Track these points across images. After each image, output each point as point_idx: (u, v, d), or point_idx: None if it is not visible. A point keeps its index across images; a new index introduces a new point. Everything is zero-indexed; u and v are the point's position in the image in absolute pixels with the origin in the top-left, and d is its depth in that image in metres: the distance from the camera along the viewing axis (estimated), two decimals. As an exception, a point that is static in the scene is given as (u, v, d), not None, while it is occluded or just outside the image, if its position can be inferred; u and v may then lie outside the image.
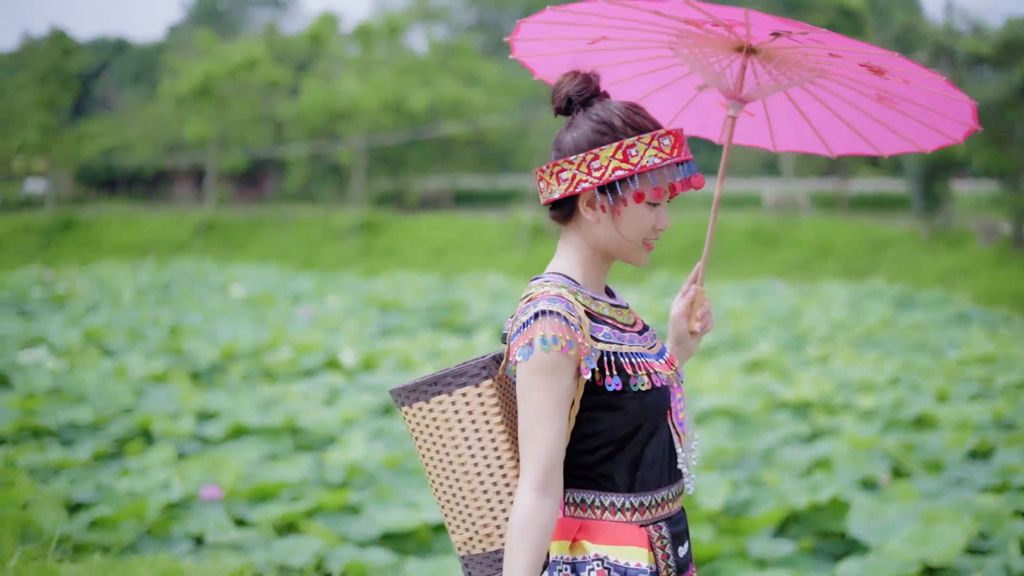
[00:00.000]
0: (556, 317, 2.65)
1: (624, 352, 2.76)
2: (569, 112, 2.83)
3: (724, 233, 35.61)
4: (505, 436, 2.81)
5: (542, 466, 2.63)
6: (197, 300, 23.21)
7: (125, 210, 47.95)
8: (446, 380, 2.82)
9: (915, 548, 6.87)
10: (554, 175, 2.78)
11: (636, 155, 2.72)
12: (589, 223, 2.80)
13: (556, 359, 2.64)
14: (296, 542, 7.23)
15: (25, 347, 15.49)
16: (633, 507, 2.76)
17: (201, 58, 46.38)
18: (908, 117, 3.26)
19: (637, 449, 2.76)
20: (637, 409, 2.73)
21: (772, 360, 15.82)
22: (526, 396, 2.66)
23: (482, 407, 2.82)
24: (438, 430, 2.85)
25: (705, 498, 8.11)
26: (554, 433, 2.65)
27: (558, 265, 2.85)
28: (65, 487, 8.40)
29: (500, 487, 2.81)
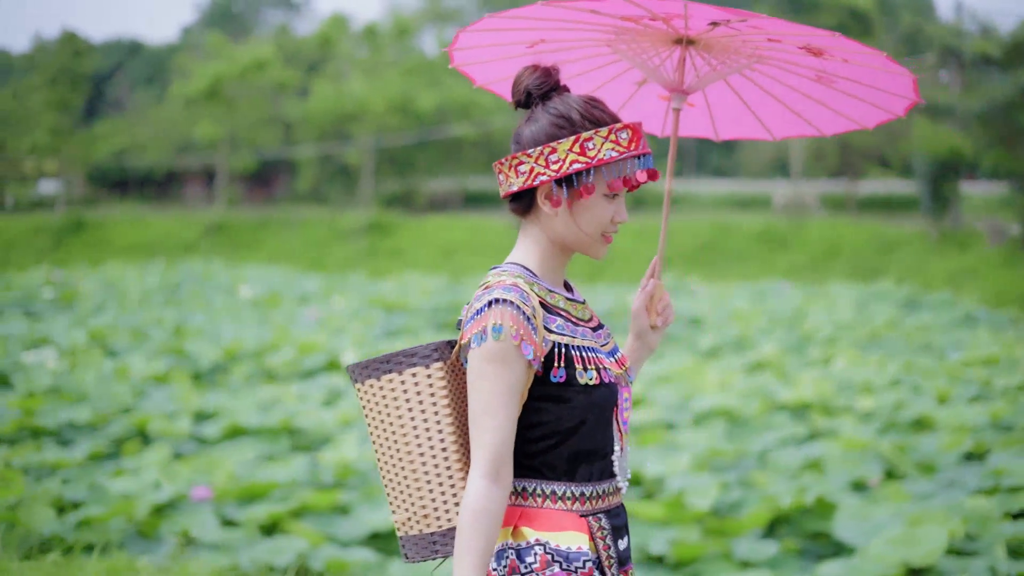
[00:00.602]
0: (510, 306, 2.67)
1: (576, 345, 2.77)
2: (529, 105, 2.85)
3: (732, 234, 35.60)
4: (451, 420, 2.82)
5: (493, 454, 2.65)
6: (204, 301, 23.28)
7: (135, 211, 48.10)
8: (397, 359, 2.85)
9: (898, 550, 6.86)
10: (512, 168, 2.80)
11: (593, 148, 2.74)
12: (548, 216, 2.81)
13: (508, 348, 2.66)
14: (279, 542, 7.25)
15: (30, 347, 15.57)
16: (573, 496, 2.77)
17: (211, 60, 46.52)
18: (848, 95, 3.27)
19: (580, 443, 2.77)
20: (583, 403, 2.75)
21: (775, 361, 15.82)
22: (477, 384, 2.68)
23: (430, 388, 2.83)
24: (386, 408, 2.87)
25: (694, 499, 8.12)
26: (504, 422, 2.67)
27: (516, 256, 2.86)
28: (57, 487, 8.43)
29: (442, 470, 2.82)
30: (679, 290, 27.12)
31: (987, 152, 28.87)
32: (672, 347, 17.81)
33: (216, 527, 7.54)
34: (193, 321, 19.33)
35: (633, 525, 7.62)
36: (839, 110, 3.33)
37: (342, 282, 29.53)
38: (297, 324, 19.47)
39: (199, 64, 46.66)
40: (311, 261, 38.76)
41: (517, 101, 2.87)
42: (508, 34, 3.14)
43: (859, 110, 3.31)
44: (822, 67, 3.11)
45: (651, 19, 2.97)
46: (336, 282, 29.44)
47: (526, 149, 2.78)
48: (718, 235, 35.75)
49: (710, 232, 35.97)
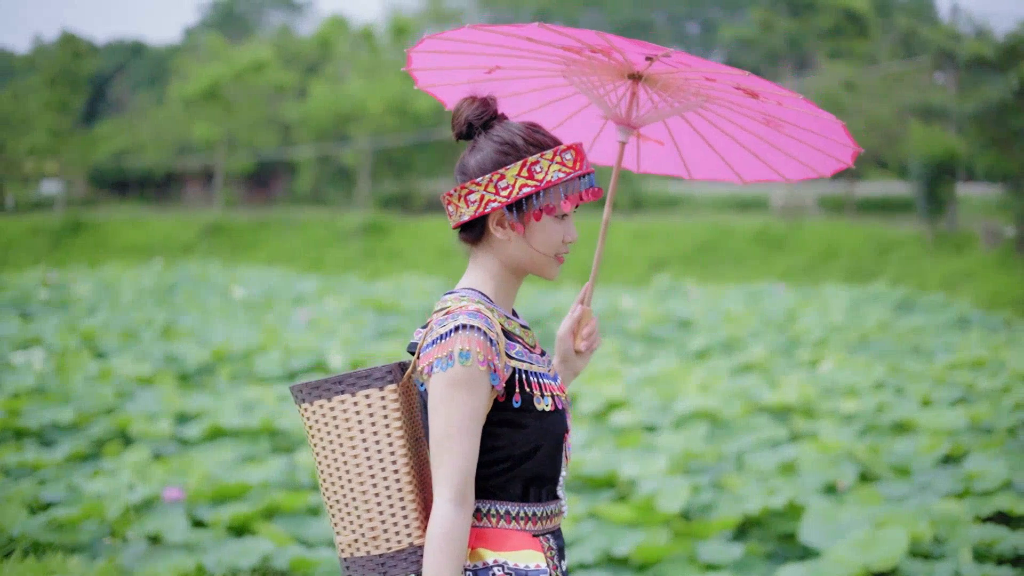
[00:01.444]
0: (476, 332, 2.71)
1: (533, 372, 2.84)
2: (471, 136, 2.90)
3: (729, 236, 35.58)
4: (403, 442, 2.85)
5: (459, 480, 2.67)
6: (197, 302, 23.31)
7: (134, 212, 48.18)
8: (350, 380, 2.86)
9: (860, 553, 6.89)
10: (462, 198, 2.84)
11: (541, 171, 2.80)
12: (500, 242, 2.87)
13: (475, 374, 2.69)
14: (245, 543, 7.28)
15: (20, 348, 15.61)
16: (526, 516, 2.82)
17: (210, 61, 46.60)
18: (799, 142, 3.29)
19: (533, 467, 2.82)
20: (538, 429, 2.80)
21: (762, 363, 15.84)
22: (442, 409, 2.70)
23: (384, 411, 2.85)
24: (336, 429, 2.87)
25: (664, 501, 8.15)
26: (470, 447, 2.69)
27: (471, 282, 2.91)
28: (32, 487, 8.46)
29: (392, 492, 2.84)
30: (674, 292, 27.13)
31: (981, 154, 28.84)
32: (661, 349, 17.84)
33: (185, 528, 7.58)
34: (184, 322, 19.36)
35: (602, 527, 7.65)
36: (795, 156, 3.34)
37: (338, 283, 29.54)
38: (289, 325, 19.49)
39: (198, 65, 46.74)
40: (309, 262, 38.80)
41: (459, 133, 2.91)
42: (464, 57, 3.18)
43: (814, 158, 3.33)
44: (765, 110, 3.14)
45: (591, 51, 3.01)
46: (332, 283, 29.45)
47: (474, 178, 2.83)
48: (715, 237, 35.75)
49: (707, 234, 35.96)
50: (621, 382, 13.44)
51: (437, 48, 3.10)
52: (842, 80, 35.35)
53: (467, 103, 2.89)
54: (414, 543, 2.83)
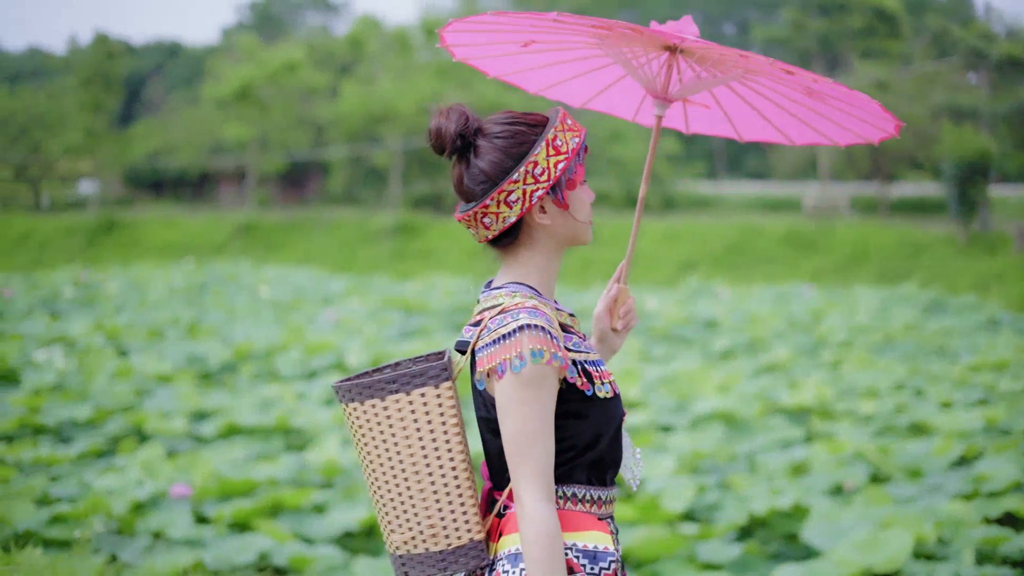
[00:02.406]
0: (539, 331, 2.69)
1: (590, 360, 2.82)
2: (465, 149, 2.83)
3: (759, 236, 35.47)
4: (459, 438, 2.83)
5: (545, 476, 2.68)
6: (225, 301, 23.42)
7: (167, 212, 48.49)
8: (404, 379, 2.83)
9: (862, 554, 6.85)
10: (502, 203, 2.78)
11: (563, 143, 2.78)
12: (544, 228, 2.84)
13: (545, 372, 2.68)
14: (245, 539, 7.32)
15: (45, 346, 15.74)
16: (592, 499, 2.80)
17: (243, 62, 46.84)
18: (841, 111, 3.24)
19: (597, 455, 2.82)
20: (600, 416, 2.79)
21: (785, 364, 15.78)
22: (516, 409, 2.69)
23: (439, 408, 2.83)
24: (391, 428, 2.85)
25: (668, 501, 8.14)
26: (550, 444, 2.69)
27: (515, 276, 2.88)
28: (43, 483, 8.54)
29: (451, 488, 2.82)
30: (703, 293, 27.04)
31: (1014, 154, 28.63)
32: (684, 350, 17.79)
33: (188, 524, 7.63)
34: (209, 321, 19.47)
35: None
36: (841, 123, 3.30)
37: (367, 283, 29.62)
38: (315, 325, 19.56)
39: (231, 66, 47.00)
40: (340, 262, 38.92)
41: (452, 149, 2.83)
42: (498, 35, 3.18)
43: (858, 125, 3.28)
44: (804, 83, 3.09)
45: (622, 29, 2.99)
46: (361, 283, 29.53)
47: (507, 178, 2.76)
48: (745, 237, 35.64)
49: (737, 234, 35.85)
50: (639, 382, 13.42)
51: (468, 28, 3.11)
52: (874, 80, 35.16)
53: (444, 119, 2.82)
54: (474, 538, 2.84)
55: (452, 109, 2.82)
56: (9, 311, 20.26)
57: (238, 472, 8.95)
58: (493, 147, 2.79)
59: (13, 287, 24.66)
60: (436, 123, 2.82)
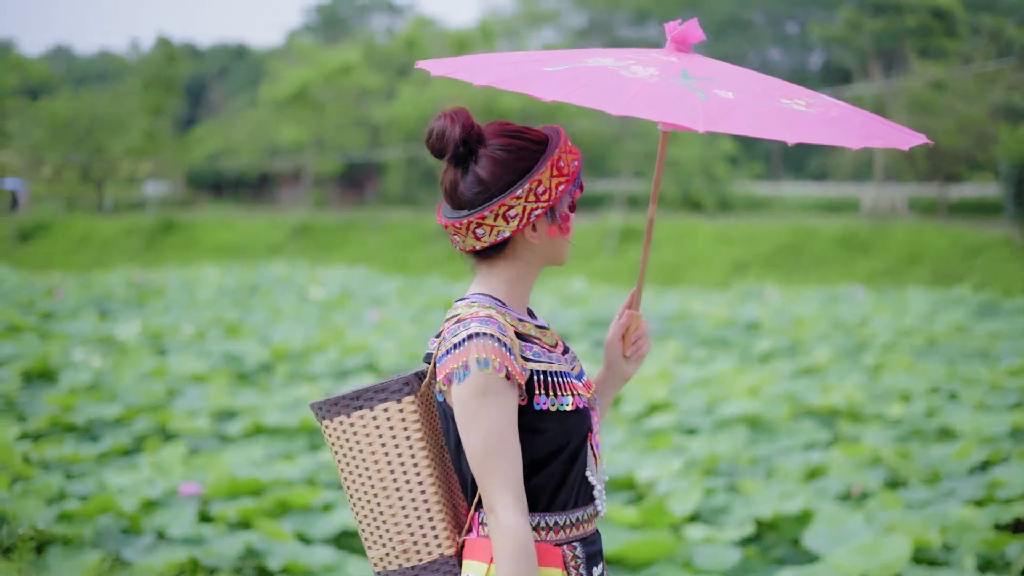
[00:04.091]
0: (489, 339, 2.66)
1: (553, 371, 2.77)
2: (467, 155, 2.78)
3: (813, 238, 35.15)
4: (425, 452, 2.82)
5: (515, 486, 2.64)
6: (273, 302, 23.61)
7: (227, 212, 48.97)
8: (368, 395, 2.84)
9: (861, 558, 6.79)
10: (499, 216, 2.74)
11: (565, 166, 2.76)
12: (530, 246, 2.82)
13: (496, 381, 2.65)
14: (237, 537, 7.40)
15: (88, 345, 15.94)
16: (548, 526, 2.76)
17: (300, 64, 47.22)
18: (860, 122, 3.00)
19: (557, 470, 2.77)
20: (560, 431, 2.74)
21: (823, 367, 15.64)
22: (474, 422, 2.65)
23: (403, 423, 2.82)
24: (358, 444, 2.85)
25: (675, 504, 8.11)
26: (516, 451, 2.65)
27: (482, 287, 2.85)
28: (60, 481, 8.66)
29: (419, 503, 2.82)
30: (752, 295, 26.88)
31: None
32: (724, 352, 17.69)
33: (191, 523, 7.71)
34: (252, 322, 19.64)
35: (606, 528, 7.63)
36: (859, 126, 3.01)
37: (417, 284, 29.72)
38: (356, 326, 19.67)
39: (287, 68, 47.41)
40: (395, 263, 39.08)
41: (453, 155, 2.78)
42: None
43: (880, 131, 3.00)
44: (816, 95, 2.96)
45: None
46: (412, 284, 29.63)
47: (511, 192, 2.72)
48: (799, 239, 35.34)
49: (790, 236, 35.56)
50: (670, 384, 13.37)
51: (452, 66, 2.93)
52: (932, 80, 34.75)
53: (448, 123, 2.77)
54: (444, 553, 2.82)
55: (457, 113, 2.78)
56: (59, 311, 20.55)
57: (255, 472, 9.01)
58: (495, 159, 2.75)
59: (67, 287, 25.03)
60: (440, 125, 2.78)
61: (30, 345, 15.43)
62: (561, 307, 22.70)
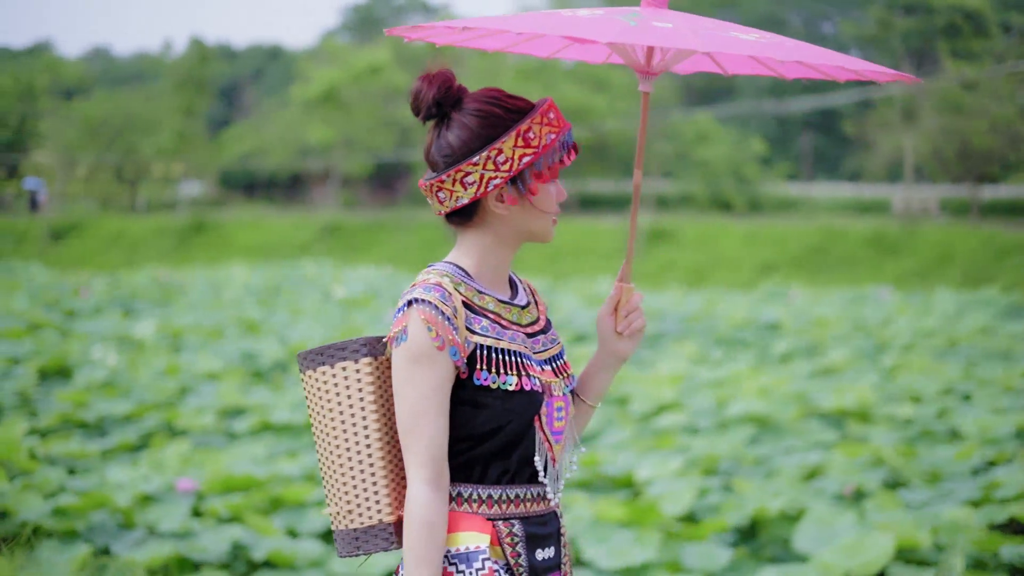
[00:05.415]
0: (428, 306, 2.66)
1: (500, 348, 2.75)
2: (440, 117, 2.78)
3: (842, 239, 34.96)
4: (376, 416, 2.80)
5: (431, 458, 2.64)
6: (296, 301, 23.70)
7: (257, 213, 49.23)
8: (330, 352, 2.85)
9: (844, 558, 6.77)
10: (457, 182, 2.73)
11: (535, 137, 2.72)
12: (498, 217, 2.79)
13: (428, 349, 2.64)
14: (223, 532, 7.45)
15: (107, 343, 16.06)
16: (480, 499, 2.75)
17: (330, 64, 47.41)
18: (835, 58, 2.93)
19: (494, 448, 2.74)
20: (500, 410, 2.72)
21: (840, 368, 15.57)
22: (403, 389, 2.68)
23: (358, 383, 2.81)
24: (319, 400, 2.86)
25: (667, 503, 8.10)
26: (439, 425, 2.66)
27: (453, 256, 2.85)
28: (62, 476, 8.74)
29: (365, 467, 2.81)
30: (776, 296, 26.77)
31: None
32: (742, 352, 17.64)
33: (183, 518, 7.76)
34: (273, 320, 19.71)
35: (595, 527, 7.62)
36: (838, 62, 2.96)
37: (443, 284, 29.64)
38: (378, 325, 19.71)
39: (317, 69, 47.61)
40: (423, 263, 38.82)
41: (426, 115, 2.78)
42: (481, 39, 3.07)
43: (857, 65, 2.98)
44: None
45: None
46: (437, 284, 29.52)
47: (467, 158, 2.72)
48: (827, 240, 35.17)
49: (819, 237, 35.38)
50: (681, 384, 13.34)
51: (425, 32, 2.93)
52: (963, 80, 34.51)
53: (425, 84, 2.76)
54: (383, 520, 2.80)
55: (437, 75, 2.77)
56: (82, 309, 20.74)
57: (252, 469, 9.06)
58: (464, 124, 2.74)
59: (94, 286, 25.23)
60: (417, 86, 2.78)
61: (50, 343, 15.58)
62: (585, 305, 22.67)
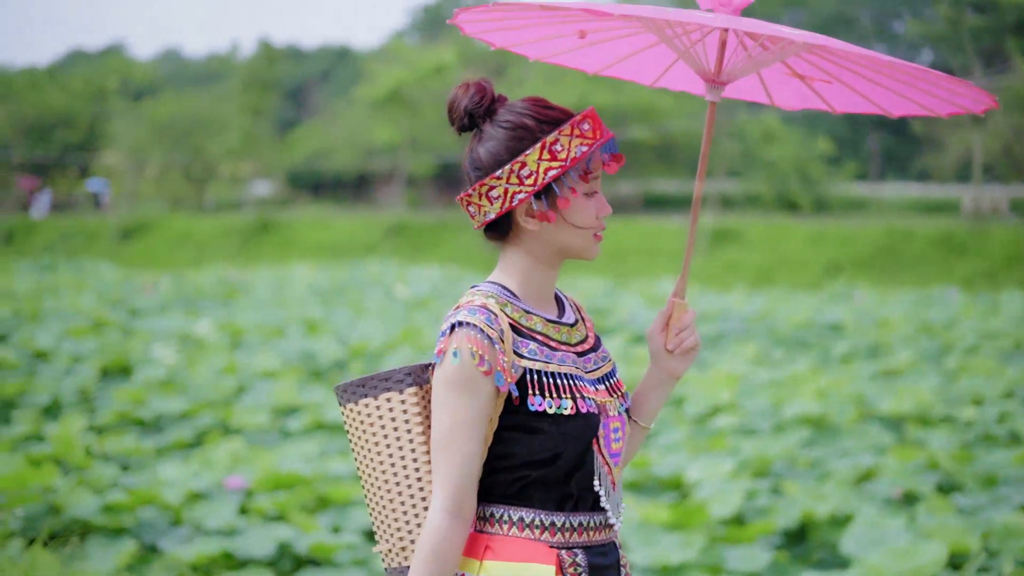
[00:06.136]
0: (473, 329, 2.56)
1: (550, 371, 2.63)
2: (472, 127, 2.71)
3: (910, 239, 34.50)
4: (425, 448, 2.70)
5: (455, 489, 2.53)
6: (358, 301, 23.78)
7: (324, 212, 49.51)
8: (372, 383, 2.75)
9: (894, 563, 6.66)
10: (483, 196, 2.67)
11: (562, 149, 2.62)
12: (532, 233, 2.69)
13: (472, 374, 2.54)
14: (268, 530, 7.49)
15: (168, 342, 16.20)
16: (543, 525, 2.62)
17: (396, 64, 47.59)
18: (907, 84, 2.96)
19: (556, 476, 2.62)
20: (556, 435, 2.60)
21: (902, 370, 15.36)
22: (439, 412, 2.57)
23: (404, 415, 2.71)
24: (364, 433, 2.75)
25: (715, 505, 8.03)
26: (468, 454, 2.55)
27: (497, 275, 2.76)
28: (114, 474, 8.83)
29: (416, 501, 2.70)
30: (841, 296, 26.49)
31: None
32: (803, 354, 17.46)
33: (230, 515, 7.80)
34: (334, 320, 19.78)
35: (641, 529, 7.58)
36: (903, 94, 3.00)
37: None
38: (438, 325, 19.70)
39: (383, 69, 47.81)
40: (487, 263, 39.10)
41: (460, 126, 2.71)
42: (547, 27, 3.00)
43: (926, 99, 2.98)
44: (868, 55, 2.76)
45: None
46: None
47: (492, 172, 2.65)
48: (895, 240, 34.71)
49: (886, 237, 34.92)
50: (738, 386, 13.22)
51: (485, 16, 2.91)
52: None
53: (462, 91, 2.69)
54: None
55: (472, 84, 2.70)
56: (147, 309, 20.95)
57: (301, 467, 9.09)
58: (493, 136, 2.66)
59: (160, 285, 25.50)
60: (452, 95, 2.72)
61: (113, 341, 15.76)
62: (647, 306, 22.54)
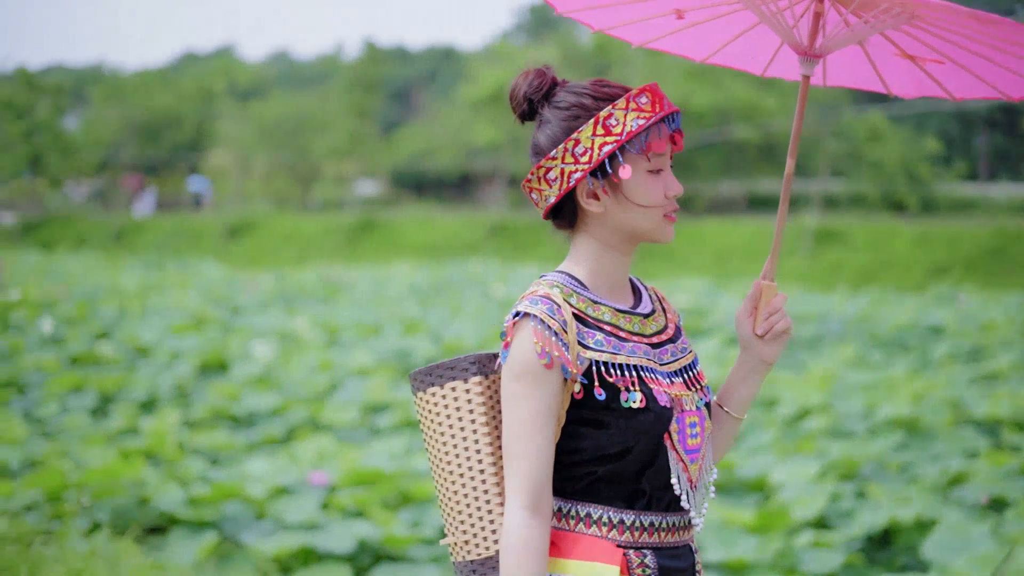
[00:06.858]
0: (534, 320, 2.49)
1: (618, 363, 2.55)
2: (533, 114, 2.68)
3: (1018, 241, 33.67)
4: (489, 440, 2.65)
5: (531, 484, 2.48)
6: (456, 300, 23.87)
7: (426, 212, 49.78)
8: (439, 371, 2.71)
9: (976, 569, 6.53)
10: (542, 180, 2.61)
11: (617, 123, 2.54)
12: (597, 216, 2.61)
13: (534, 366, 2.48)
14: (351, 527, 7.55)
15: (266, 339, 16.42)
16: (611, 522, 2.55)
17: (498, 65, 47.73)
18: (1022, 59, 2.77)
19: (626, 472, 2.55)
20: (625, 428, 2.52)
21: (1003, 374, 15.02)
22: (507, 406, 2.52)
23: (469, 404, 2.66)
24: (431, 423, 2.71)
25: (798, 508, 7.94)
26: (542, 447, 2.49)
27: (565, 264, 2.70)
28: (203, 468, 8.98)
29: (479, 493, 2.64)
30: (946, 298, 25.98)
31: None
32: (902, 356, 17.18)
33: (312, 510, 7.89)
34: (431, 318, 19.88)
35: (721, 531, 7.52)
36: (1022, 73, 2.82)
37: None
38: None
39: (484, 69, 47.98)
40: (588, 262, 39.03)
41: (521, 114, 2.71)
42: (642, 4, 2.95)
43: None
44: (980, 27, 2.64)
45: None
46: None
47: (548, 153, 2.60)
48: (1004, 242, 33.91)
49: (996, 239, 34.14)
50: (831, 387, 13.05)
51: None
52: None
53: (522, 79, 2.68)
54: None
55: (532, 70, 2.68)
56: (248, 306, 21.26)
57: (384, 464, 9.15)
58: (551, 118, 2.62)
59: (261, 283, 25.85)
60: (513, 82, 2.70)
61: (212, 337, 16.01)
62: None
